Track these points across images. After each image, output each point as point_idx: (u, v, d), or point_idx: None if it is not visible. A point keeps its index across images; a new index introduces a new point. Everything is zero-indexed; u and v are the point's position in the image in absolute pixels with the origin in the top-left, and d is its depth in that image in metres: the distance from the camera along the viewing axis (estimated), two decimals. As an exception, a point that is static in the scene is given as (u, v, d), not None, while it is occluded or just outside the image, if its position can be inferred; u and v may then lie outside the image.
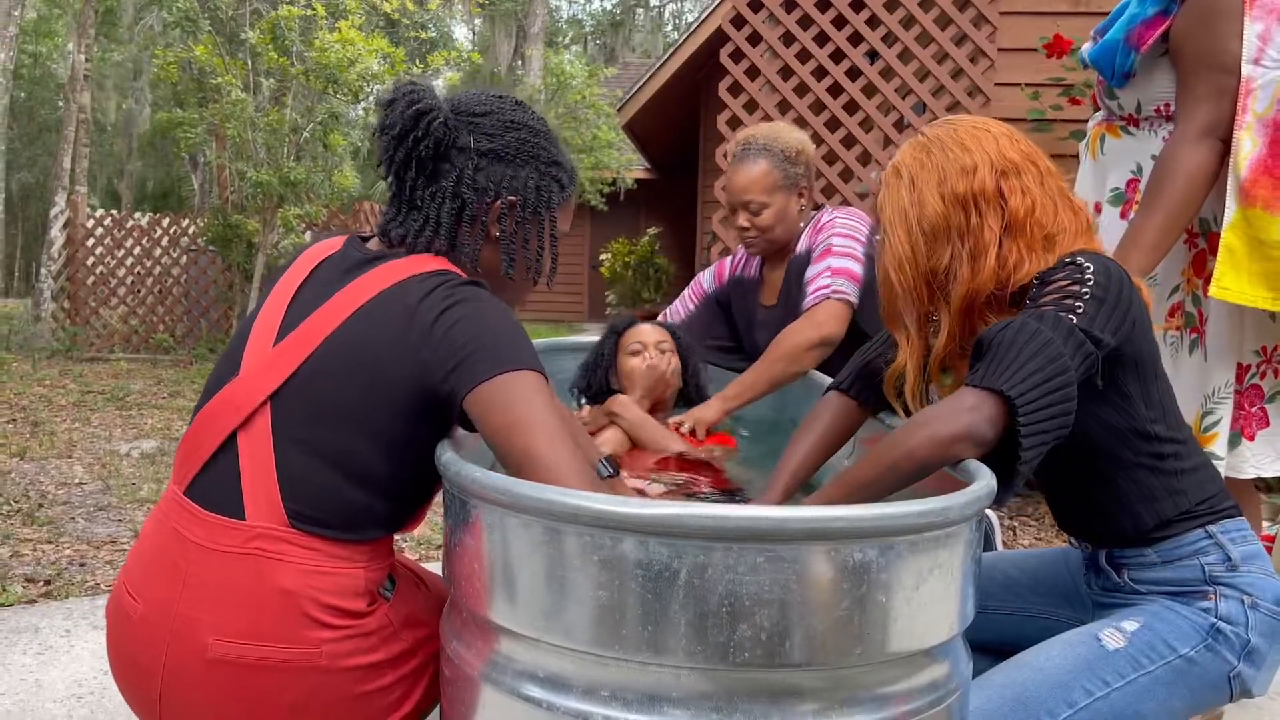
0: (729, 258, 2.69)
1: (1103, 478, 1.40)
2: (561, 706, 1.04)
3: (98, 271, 9.07)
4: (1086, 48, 2.15)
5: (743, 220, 2.33)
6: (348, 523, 1.24)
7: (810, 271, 2.26)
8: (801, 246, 2.35)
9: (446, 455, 1.18)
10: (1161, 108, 1.98)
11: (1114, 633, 1.37)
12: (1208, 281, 1.88)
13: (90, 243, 9.07)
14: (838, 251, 2.24)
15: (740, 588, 0.97)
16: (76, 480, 4.07)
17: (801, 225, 2.39)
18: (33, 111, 23.59)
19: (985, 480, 1.14)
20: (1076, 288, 1.30)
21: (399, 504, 1.31)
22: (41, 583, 2.74)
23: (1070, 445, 1.29)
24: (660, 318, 2.59)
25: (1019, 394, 1.19)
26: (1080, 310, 1.28)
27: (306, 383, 1.25)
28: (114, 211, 9.55)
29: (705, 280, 2.67)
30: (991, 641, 1.53)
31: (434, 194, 1.35)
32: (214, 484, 1.25)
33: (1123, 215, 2.09)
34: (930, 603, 1.06)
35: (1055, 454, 1.27)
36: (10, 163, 16.80)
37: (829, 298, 2.19)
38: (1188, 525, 1.39)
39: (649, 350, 2.27)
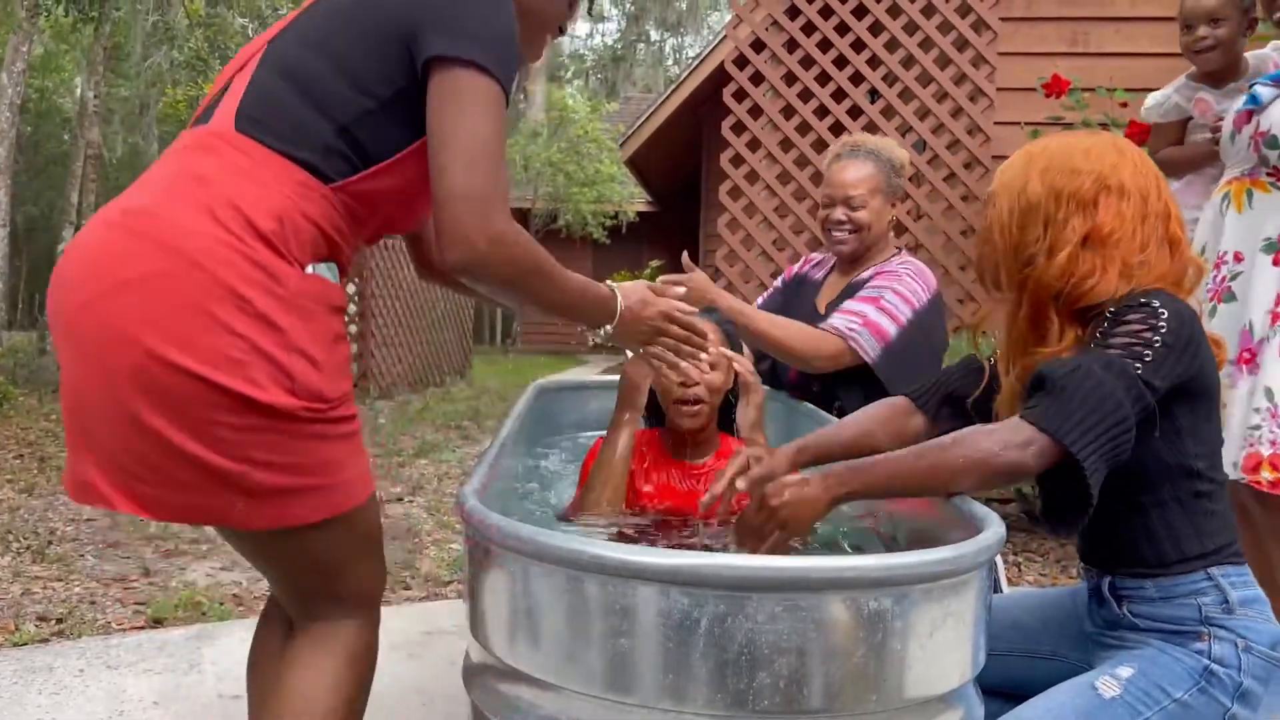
0: (799, 262, 2.79)
1: (1139, 508, 1.43)
2: (583, 752, 1.06)
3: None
4: (1268, 91, 2.29)
5: (839, 214, 2.41)
6: (289, 134, 1.20)
7: (849, 304, 2.32)
8: (868, 272, 2.41)
9: (470, 504, 1.21)
10: None
11: (1109, 680, 1.39)
12: None
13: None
14: (884, 307, 2.31)
15: (759, 636, 1.00)
16: (85, 516, 4.09)
17: (891, 243, 2.49)
18: (39, 145, 23.81)
19: (995, 528, 1.17)
20: (1149, 335, 1.33)
21: (343, 146, 1.23)
22: (54, 621, 2.76)
23: (1114, 473, 1.33)
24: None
25: (1078, 445, 1.25)
26: (1148, 360, 1.31)
27: (302, 16, 1.29)
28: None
29: (779, 280, 2.81)
30: (1003, 685, 1.55)
31: None
32: (206, 110, 1.28)
33: (1275, 262, 2.35)
34: (943, 650, 1.09)
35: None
36: (16, 196, 16.94)
37: (843, 336, 2.25)
38: (1194, 565, 1.41)
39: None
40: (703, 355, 1.58)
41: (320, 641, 1.32)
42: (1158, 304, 1.36)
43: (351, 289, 8.77)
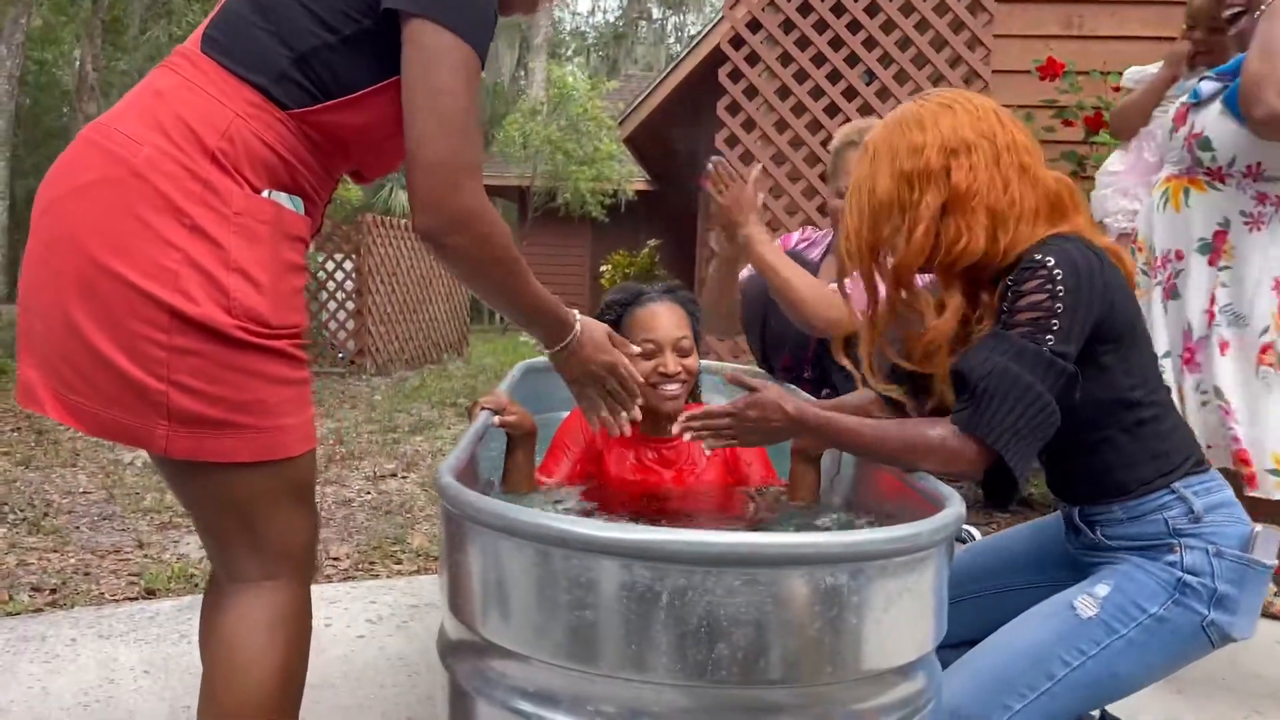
0: (795, 233, 2.75)
1: (1089, 447, 1.47)
2: (549, 720, 1.10)
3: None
4: (1209, 87, 2.30)
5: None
6: (245, 58, 1.20)
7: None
8: None
9: (445, 479, 1.24)
10: (1253, 166, 2.14)
11: (1087, 599, 1.43)
12: None
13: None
14: None
15: (718, 609, 1.03)
16: (81, 489, 4.13)
17: None
18: (38, 118, 23.74)
19: (955, 508, 1.20)
20: (1049, 302, 1.35)
21: (299, 76, 1.22)
22: (48, 591, 2.80)
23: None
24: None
25: (1004, 445, 1.32)
26: (1055, 329, 1.34)
27: None
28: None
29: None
30: (979, 631, 1.56)
31: None
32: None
33: (1210, 263, 2.37)
34: (900, 624, 1.12)
35: None
36: (15, 169, 16.92)
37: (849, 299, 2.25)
38: (1154, 485, 1.45)
39: (667, 356, 1.86)
40: (624, 416, 1.60)
41: (243, 607, 1.28)
42: (1051, 262, 1.36)
43: (349, 266, 8.79)
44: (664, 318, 1.90)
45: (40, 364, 1.16)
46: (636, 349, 1.68)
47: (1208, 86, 2.34)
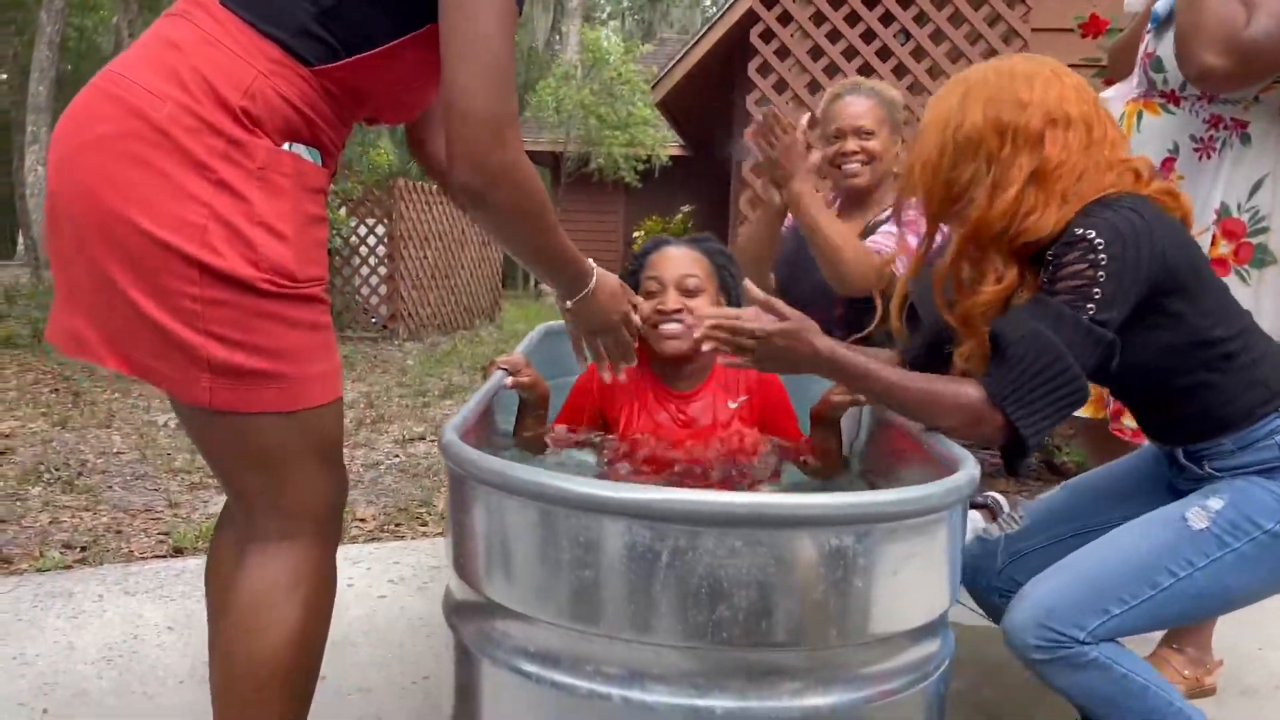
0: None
1: (1181, 394, 1.43)
2: (550, 679, 1.09)
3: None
4: (1164, 6, 2.15)
5: (851, 145, 2.36)
6: (266, 12, 1.17)
7: (885, 227, 2.28)
8: (885, 214, 2.37)
9: (448, 437, 1.22)
10: None
11: (1199, 511, 1.40)
12: None
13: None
14: (918, 230, 2.25)
15: (719, 570, 1.01)
16: (115, 450, 4.19)
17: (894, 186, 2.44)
18: (79, 84, 23.93)
19: (967, 469, 1.17)
20: (1090, 272, 1.31)
21: (322, 31, 1.19)
22: (78, 549, 2.84)
23: (1139, 374, 1.36)
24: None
25: (1023, 411, 1.29)
26: (1098, 297, 1.30)
27: None
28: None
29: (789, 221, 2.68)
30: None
31: None
32: None
33: None
34: (910, 587, 1.10)
35: (1127, 384, 1.41)
36: (57, 136, 17.16)
37: (880, 256, 2.21)
38: (1258, 413, 1.41)
39: (668, 293, 1.81)
40: (624, 366, 1.62)
41: (261, 567, 1.25)
42: (1093, 234, 1.32)
43: (381, 231, 8.81)
44: (672, 258, 1.87)
45: (89, 315, 1.16)
46: (640, 305, 1.66)
47: (1163, 6, 2.20)
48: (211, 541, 1.44)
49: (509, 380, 1.67)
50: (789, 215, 2.36)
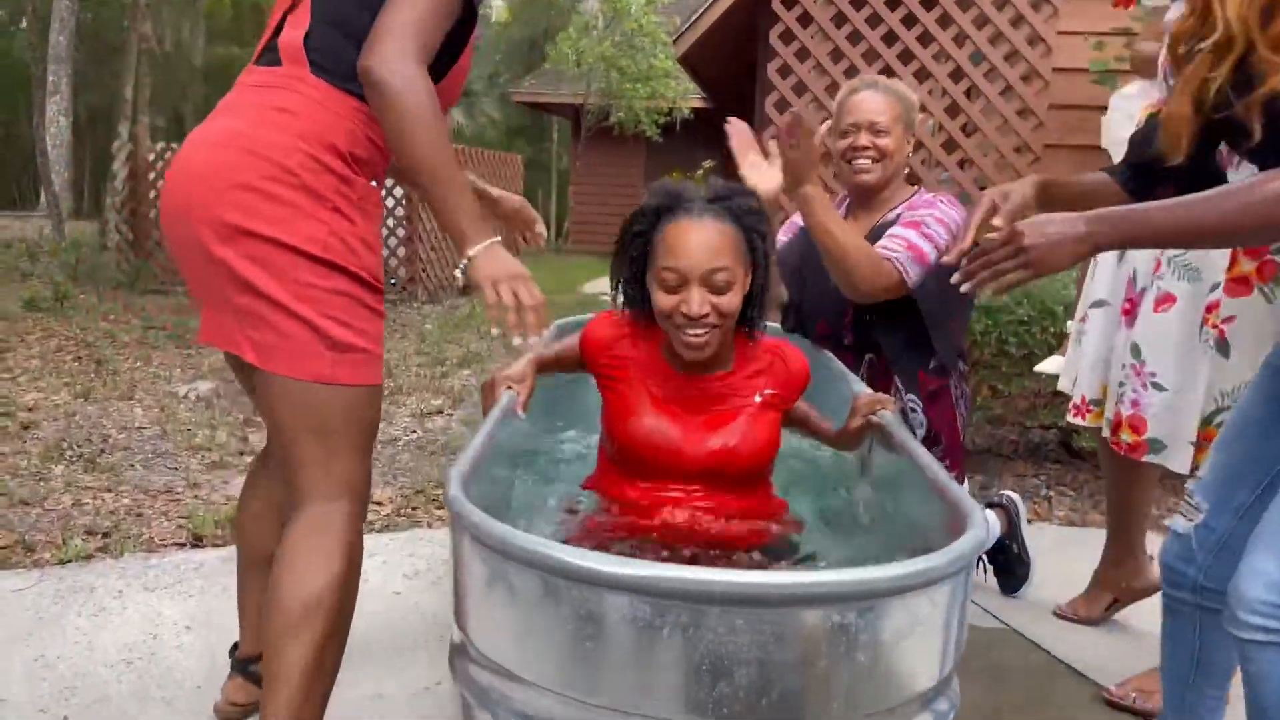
0: (795, 215, 2.67)
1: None
2: (551, 745, 1.09)
3: (160, 204, 9.22)
4: (1173, 12, 2.07)
5: (864, 140, 2.33)
6: (348, 73, 1.49)
7: (894, 229, 2.25)
8: (893, 214, 2.34)
9: (452, 492, 1.22)
10: None
11: None
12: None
13: (152, 176, 9.22)
14: (925, 232, 2.23)
15: (721, 647, 1.00)
16: (136, 424, 4.24)
17: (905, 185, 2.42)
18: (99, 34, 23.83)
19: (973, 533, 1.15)
20: None
21: None
22: (100, 534, 2.88)
23: None
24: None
25: None
26: None
27: None
28: (174, 144, 9.68)
29: (796, 218, 2.62)
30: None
31: None
32: (267, 50, 1.58)
33: None
34: (913, 656, 1.09)
35: None
36: (78, 85, 17.05)
37: (890, 262, 2.19)
38: None
39: (691, 293, 1.55)
40: (530, 337, 1.48)
41: (312, 527, 1.52)
42: None
43: (400, 193, 8.77)
44: (695, 240, 1.55)
45: (235, 313, 1.49)
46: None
47: (1174, 14, 2.11)
48: (245, 483, 1.88)
49: (520, 406, 1.66)
50: (793, 216, 2.35)
